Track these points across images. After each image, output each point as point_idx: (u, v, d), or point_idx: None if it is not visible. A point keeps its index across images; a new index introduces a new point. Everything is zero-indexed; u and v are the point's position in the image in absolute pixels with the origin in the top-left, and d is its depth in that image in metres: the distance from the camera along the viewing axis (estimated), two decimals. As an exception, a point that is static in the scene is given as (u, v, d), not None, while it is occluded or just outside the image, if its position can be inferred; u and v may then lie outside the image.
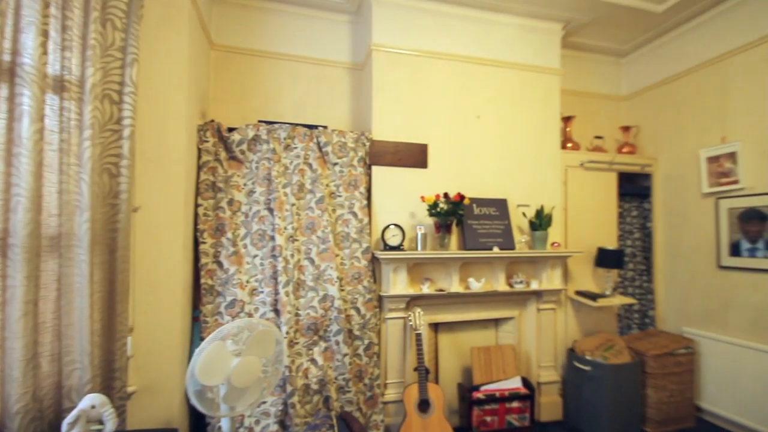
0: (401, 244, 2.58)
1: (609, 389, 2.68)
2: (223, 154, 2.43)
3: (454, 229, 2.79)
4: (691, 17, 3.08)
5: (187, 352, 2.22)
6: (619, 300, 3.05)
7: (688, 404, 2.91)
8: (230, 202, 2.41)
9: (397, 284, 2.59)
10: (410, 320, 2.55)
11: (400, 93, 2.76)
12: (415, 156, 2.75)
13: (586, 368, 2.80)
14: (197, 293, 2.34)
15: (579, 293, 3.08)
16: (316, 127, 2.63)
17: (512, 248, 2.83)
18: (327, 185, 2.58)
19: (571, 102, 3.53)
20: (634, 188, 3.46)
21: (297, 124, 2.58)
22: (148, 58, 2.00)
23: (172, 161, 2.07)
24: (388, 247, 2.56)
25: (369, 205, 2.68)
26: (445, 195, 2.64)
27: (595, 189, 3.27)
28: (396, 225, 2.60)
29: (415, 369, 2.48)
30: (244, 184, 2.46)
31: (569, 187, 3.19)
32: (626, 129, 3.55)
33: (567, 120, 3.38)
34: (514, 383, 2.70)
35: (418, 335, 2.49)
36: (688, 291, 3.17)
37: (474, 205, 2.83)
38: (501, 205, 2.91)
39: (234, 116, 2.77)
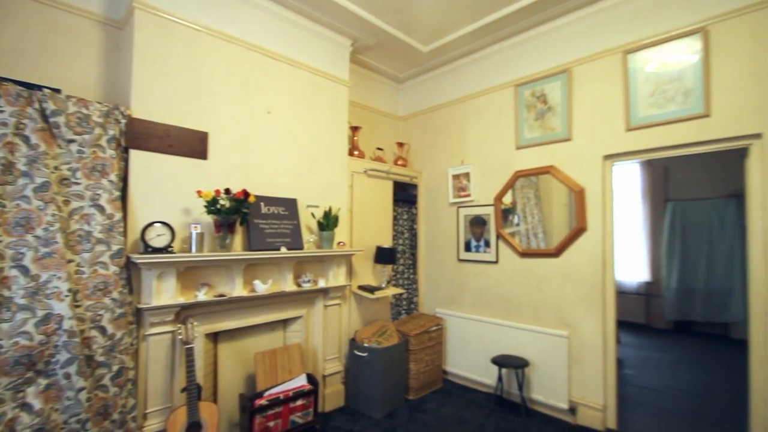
0: (170, 246, 2.19)
1: (381, 370, 3.04)
2: None
3: (239, 228, 2.59)
4: (447, 62, 3.89)
5: None
6: (392, 291, 3.52)
7: (438, 370, 3.63)
8: None
9: (163, 293, 2.18)
10: (180, 334, 2.19)
11: (173, 68, 2.36)
12: (191, 144, 2.40)
13: (364, 354, 3.10)
14: None
15: (360, 287, 3.39)
16: (40, 88, 1.92)
17: (301, 248, 2.85)
18: (56, 168, 1.93)
19: (359, 114, 3.90)
20: (405, 195, 4.10)
21: (5, 79, 1.83)
22: None
23: None
24: (150, 249, 2.13)
25: (124, 198, 2.16)
26: (227, 191, 2.40)
27: (375, 194, 3.68)
28: (163, 223, 2.19)
29: (183, 390, 2.15)
30: None
31: (355, 191, 3.48)
32: (401, 145, 4.17)
33: (355, 129, 3.69)
34: (299, 381, 2.71)
35: (189, 350, 2.17)
36: (440, 279, 3.97)
37: (262, 204, 2.71)
38: (291, 204, 2.90)
39: None
